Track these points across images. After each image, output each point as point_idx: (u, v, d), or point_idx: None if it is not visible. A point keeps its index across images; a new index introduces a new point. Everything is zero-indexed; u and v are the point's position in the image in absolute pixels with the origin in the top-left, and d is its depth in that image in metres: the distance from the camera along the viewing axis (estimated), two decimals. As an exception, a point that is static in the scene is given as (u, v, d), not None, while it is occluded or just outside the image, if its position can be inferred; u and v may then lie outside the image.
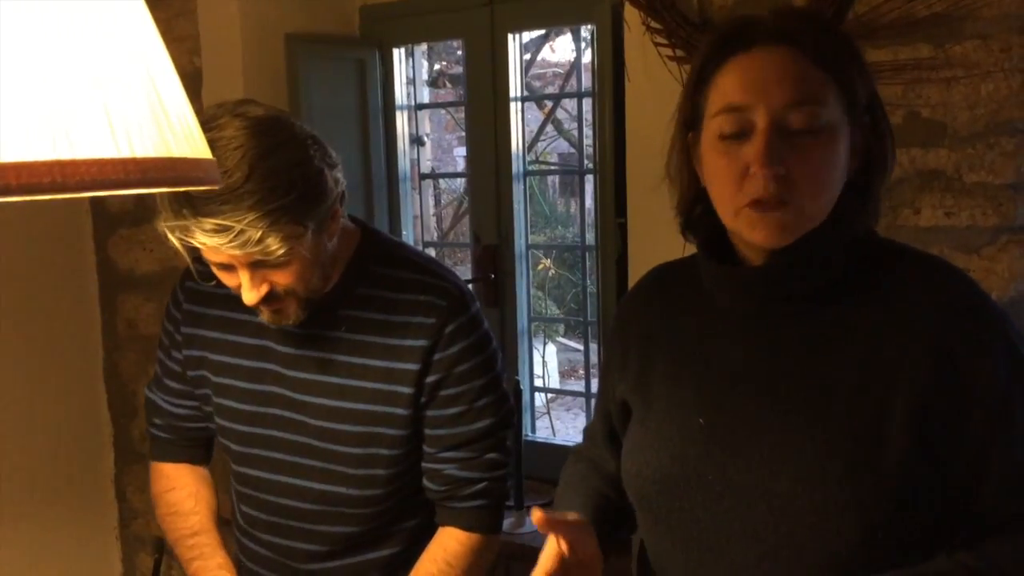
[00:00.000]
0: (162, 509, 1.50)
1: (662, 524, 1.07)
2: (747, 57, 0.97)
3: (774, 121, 0.94)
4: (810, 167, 0.94)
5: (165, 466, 1.52)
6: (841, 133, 0.96)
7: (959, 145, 1.69)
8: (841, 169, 0.97)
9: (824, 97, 0.95)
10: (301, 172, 1.17)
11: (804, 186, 0.95)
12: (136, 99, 0.64)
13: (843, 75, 0.96)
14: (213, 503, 1.50)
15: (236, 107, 1.17)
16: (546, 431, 4.93)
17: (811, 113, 0.94)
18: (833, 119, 0.95)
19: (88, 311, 2.82)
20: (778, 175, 0.94)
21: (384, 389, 1.31)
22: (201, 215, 1.12)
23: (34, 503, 2.64)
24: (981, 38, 1.64)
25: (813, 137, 0.94)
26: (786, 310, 1.02)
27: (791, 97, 0.94)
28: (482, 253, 2.48)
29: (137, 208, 2.71)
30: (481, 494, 1.35)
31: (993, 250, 1.68)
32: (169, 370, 1.48)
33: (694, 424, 1.04)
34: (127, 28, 0.65)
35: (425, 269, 1.36)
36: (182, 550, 1.47)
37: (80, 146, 0.60)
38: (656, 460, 1.06)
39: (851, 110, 0.97)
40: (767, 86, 0.95)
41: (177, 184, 0.68)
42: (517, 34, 2.42)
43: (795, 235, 0.96)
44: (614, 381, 1.18)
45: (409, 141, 2.69)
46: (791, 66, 0.95)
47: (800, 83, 0.95)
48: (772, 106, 0.94)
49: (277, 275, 1.22)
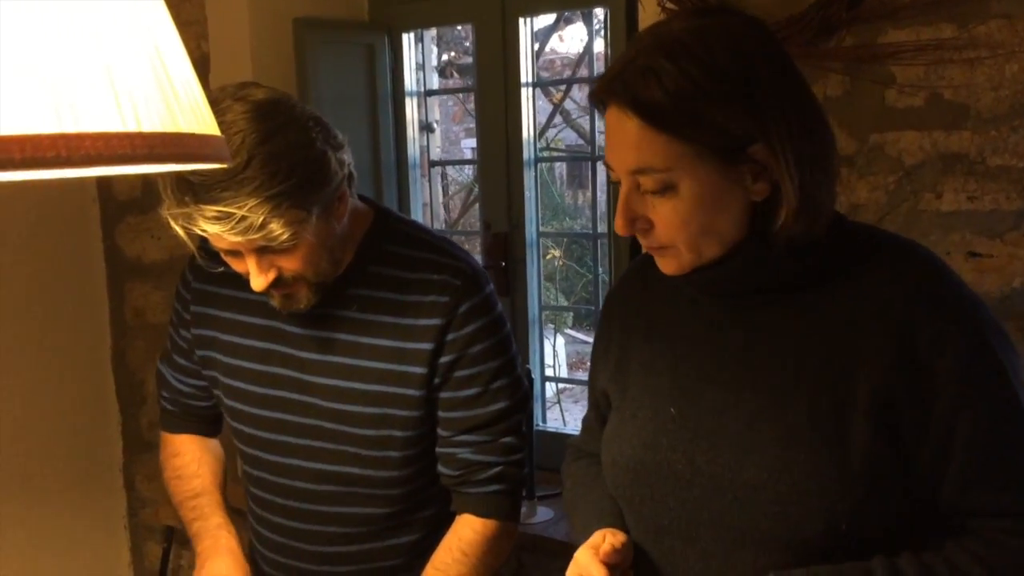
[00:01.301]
0: (168, 472, 1.53)
1: (635, 512, 1.07)
2: (608, 115, 0.96)
3: (629, 184, 0.96)
4: (665, 222, 0.96)
5: (172, 436, 1.54)
6: (698, 180, 0.93)
7: (982, 127, 1.65)
8: (710, 208, 0.94)
9: (660, 160, 0.93)
10: (302, 156, 1.15)
11: (670, 237, 0.97)
12: (143, 72, 0.62)
13: (684, 129, 0.91)
14: (217, 468, 1.52)
15: (238, 90, 1.16)
16: (556, 421, 4.91)
17: (652, 179, 0.94)
18: (676, 176, 0.93)
19: (96, 299, 2.81)
20: (639, 232, 0.98)
21: (396, 369, 1.29)
22: (202, 202, 1.10)
23: (42, 492, 2.64)
24: (1006, 17, 1.60)
25: (660, 196, 0.95)
26: (756, 300, 1.01)
27: (631, 164, 0.95)
28: (492, 241, 2.46)
29: (144, 195, 2.69)
30: (497, 479, 1.33)
31: (1017, 235, 1.64)
32: (178, 347, 1.48)
33: (666, 413, 1.04)
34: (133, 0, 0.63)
35: (439, 248, 1.34)
36: (184, 511, 1.49)
37: (85, 119, 0.58)
38: (629, 449, 1.06)
39: (715, 152, 0.92)
40: (615, 151, 0.97)
41: (185, 160, 0.65)
42: (528, 18, 2.39)
43: (696, 263, 0.98)
44: (599, 370, 1.18)
45: (419, 128, 2.66)
46: (627, 130, 0.94)
47: (634, 150, 0.94)
48: (623, 171, 0.96)
49: (284, 260, 1.20)
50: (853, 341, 0.95)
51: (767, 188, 0.94)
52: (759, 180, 0.94)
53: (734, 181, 0.94)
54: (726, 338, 1.03)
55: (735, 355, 1.01)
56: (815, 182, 0.94)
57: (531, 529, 2.13)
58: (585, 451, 1.27)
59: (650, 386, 1.07)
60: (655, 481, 1.03)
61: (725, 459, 0.98)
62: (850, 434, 0.94)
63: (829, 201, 0.98)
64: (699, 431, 1.01)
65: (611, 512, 1.12)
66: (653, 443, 1.04)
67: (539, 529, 2.14)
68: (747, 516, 0.97)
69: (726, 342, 1.02)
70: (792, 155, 0.92)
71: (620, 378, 1.12)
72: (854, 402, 0.94)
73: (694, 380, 1.03)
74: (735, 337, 1.02)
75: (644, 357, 1.10)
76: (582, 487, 1.21)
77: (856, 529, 0.94)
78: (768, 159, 0.92)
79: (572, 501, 1.22)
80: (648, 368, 1.09)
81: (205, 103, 0.69)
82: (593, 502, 1.16)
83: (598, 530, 1.06)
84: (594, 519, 1.11)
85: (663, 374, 1.06)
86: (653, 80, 0.91)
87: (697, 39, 0.92)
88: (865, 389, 0.94)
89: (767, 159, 0.92)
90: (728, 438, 0.99)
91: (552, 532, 2.13)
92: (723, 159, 0.92)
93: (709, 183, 0.93)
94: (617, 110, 0.94)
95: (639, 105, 0.92)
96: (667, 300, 1.10)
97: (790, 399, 0.97)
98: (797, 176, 0.93)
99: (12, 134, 0.55)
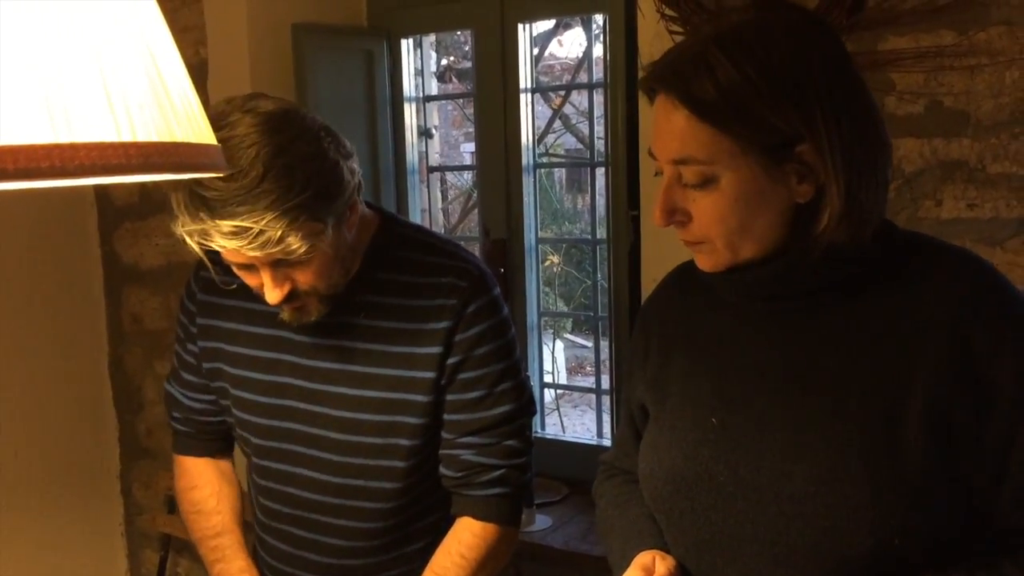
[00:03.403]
0: (185, 507, 1.50)
1: (675, 526, 1.03)
2: (656, 103, 0.95)
3: (671, 174, 0.94)
4: (704, 218, 0.94)
5: (187, 460, 1.51)
6: (741, 177, 0.91)
7: (982, 135, 1.65)
8: (751, 205, 0.92)
9: (705, 152, 0.91)
10: (317, 167, 1.14)
11: (705, 232, 0.95)
12: (138, 81, 0.61)
13: (732, 124, 0.89)
14: (236, 502, 1.49)
15: (246, 102, 1.14)
16: (555, 427, 4.91)
17: (693, 171, 0.92)
18: (719, 170, 0.91)
19: (93, 305, 2.80)
20: (677, 224, 0.96)
21: (404, 376, 1.29)
22: (219, 217, 1.09)
23: (39, 499, 2.63)
24: (1006, 24, 1.60)
25: (701, 189, 0.93)
26: (800, 305, 0.98)
27: (674, 153, 0.93)
28: (491, 247, 2.45)
29: (142, 201, 2.68)
30: (498, 482, 1.32)
31: (1017, 243, 1.64)
32: (185, 363, 1.46)
33: (707, 423, 1.00)
34: (128, 7, 0.62)
35: (445, 251, 1.33)
36: (205, 551, 1.46)
37: (80, 129, 0.58)
38: (669, 459, 1.03)
39: (761, 150, 0.90)
40: (660, 139, 0.95)
41: (181, 170, 0.65)
42: (527, 24, 2.39)
43: (732, 262, 0.96)
44: (635, 382, 1.14)
45: (417, 133, 2.66)
46: (674, 120, 0.92)
47: (678, 140, 0.92)
48: (665, 160, 0.95)
49: (299, 273, 1.19)
50: (906, 349, 0.92)
51: (812, 190, 0.91)
52: (804, 181, 0.91)
53: (778, 180, 0.91)
54: (770, 345, 0.99)
55: (777, 363, 0.98)
56: (862, 188, 0.91)
57: (530, 537, 2.12)
58: (618, 468, 1.22)
59: (690, 395, 1.04)
60: (696, 493, 0.99)
61: (770, 470, 0.94)
62: (903, 445, 0.90)
63: (877, 209, 0.94)
64: (742, 441, 0.97)
65: (650, 532, 1.08)
66: (694, 454, 1.00)
67: (538, 537, 2.13)
68: (793, 530, 0.92)
69: (769, 349, 0.99)
70: (840, 158, 0.89)
71: (659, 388, 1.08)
72: (907, 412, 0.90)
73: (737, 388, 0.99)
74: (780, 344, 0.98)
75: (684, 366, 1.06)
76: (617, 507, 1.16)
77: (908, 545, 0.89)
78: (814, 160, 0.90)
79: (607, 521, 1.17)
80: (688, 377, 1.05)
81: (201, 112, 0.68)
82: (630, 522, 1.11)
83: (646, 551, 1.03)
84: (633, 540, 1.07)
85: (704, 383, 1.03)
86: (706, 73, 0.89)
87: (755, 33, 0.90)
88: (919, 399, 0.90)
89: (813, 160, 0.90)
90: (773, 448, 0.94)
91: (551, 540, 2.12)
92: (768, 157, 0.90)
93: (751, 180, 0.91)
94: (666, 99, 0.93)
95: (689, 96, 0.90)
96: (707, 308, 1.06)
97: (839, 408, 0.92)
98: (844, 180, 0.90)
99: (6, 144, 0.54)
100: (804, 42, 0.91)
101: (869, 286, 0.96)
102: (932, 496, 0.90)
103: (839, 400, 0.93)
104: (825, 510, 0.90)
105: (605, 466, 1.25)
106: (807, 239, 0.93)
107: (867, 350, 0.94)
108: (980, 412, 0.90)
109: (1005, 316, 0.91)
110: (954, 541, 0.92)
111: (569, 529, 2.18)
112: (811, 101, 0.89)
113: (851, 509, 0.89)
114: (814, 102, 0.89)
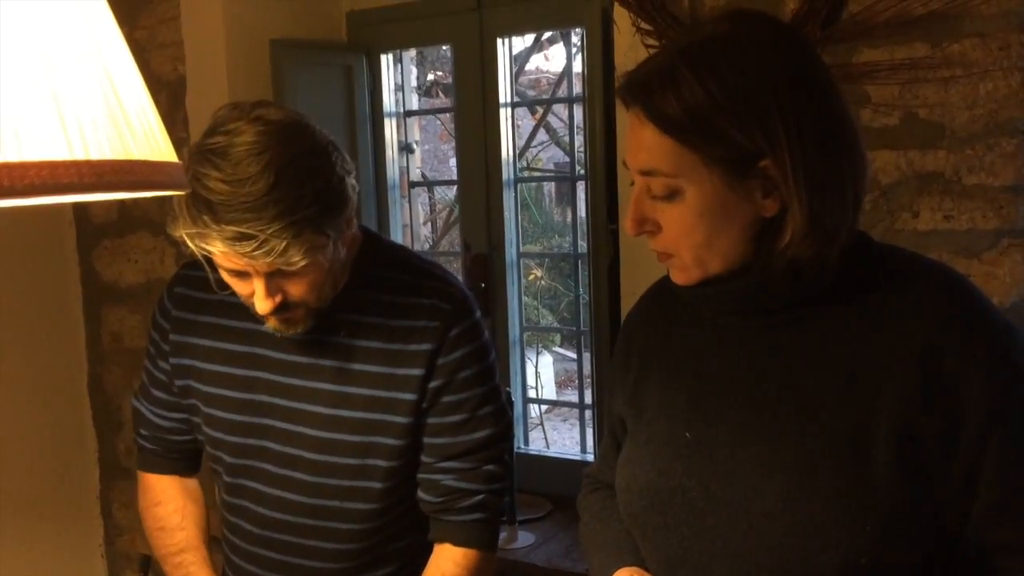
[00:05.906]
0: (148, 523, 1.47)
1: (649, 541, 1.03)
2: (629, 114, 0.96)
3: (641, 185, 0.95)
4: (672, 230, 0.95)
5: (151, 478, 1.48)
6: (705, 191, 0.91)
7: (958, 146, 1.65)
8: (715, 219, 0.92)
9: (670, 166, 0.91)
10: (325, 181, 1.13)
11: (675, 244, 0.96)
12: (92, 98, 0.60)
13: (695, 139, 0.90)
14: (201, 520, 1.47)
15: (252, 110, 1.13)
16: (539, 443, 4.88)
17: (660, 183, 0.93)
18: (684, 184, 0.92)
19: (72, 324, 2.78)
20: (648, 234, 0.97)
21: (384, 396, 1.27)
22: (223, 222, 1.08)
23: (18, 520, 2.59)
24: (979, 36, 1.61)
25: (667, 201, 0.94)
26: (774, 320, 0.97)
27: (642, 165, 0.94)
28: (472, 262, 2.44)
29: (121, 219, 2.67)
30: (478, 507, 1.31)
31: (994, 254, 1.64)
32: (155, 379, 1.44)
33: (681, 438, 1.00)
34: (82, 23, 0.61)
35: (428, 273, 1.32)
36: (169, 568, 1.43)
37: (29, 147, 0.57)
38: (643, 474, 1.02)
39: (725, 165, 0.90)
40: (630, 150, 0.96)
41: (136, 188, 0.64)
42: (506, 39, 2.39)
43: (702, 276, 0.96)
44: (616, 396, 1.14)
45: (398, 148, 2.65)
46: (642, 133, 0.93)
47: (645, 152, 0.93)
48: (634, 171, 0.96)
49: (292, 285, 1.18)
50: (876, 365, 0.91)
51: (777, 205, 0.91)
52: (769, 196, 0.91)
53: (742, 195, 0.91)
54: (744, 360, 0.98)
55: (750, 378, 0.97)
56: (826, 204, 0.91)
57: (512, 555, 2.10)
58: (602, 481, 1.22)
59: (666, 410, 1.04)
60: (668, 508, 0.99)
61: (741, 486, 0.93)
62: (872, 463, 0.89)
63: (844, 226, 0.93)
64: (715, 456, 0.96)
65: (630, 549, 1.07)
66: (667, 469, 1.00)
67: (520, 555, 2.11)
68: (762, 547, 0.91)
69: (744, 364, 0.98)
70: (803, 174, 0.89)
71: (636, 402, 1.08)
72: (876, 428, 0.89)
73: (711, 403, 0.99)
74: (754, 359, 0.98)
75: (661, 380, 1.06)
76: (600, 521, 1.16)
77: (876, 564, 0.88)
78: (777, 176, 0.90)
79: (590, 536, 1.17)
80: (664, 391, 1.05)
81: (161, 129, 0.67)
82: (611, 538, 1.11)
83: (624, 568, 1.03)
84: (613, 556, 1.07)
85: (679, 397, 1.03)
86: (671, 88, 0.90)
87: (721, 48, 0.90)
88: (887, 415, 0.89)
89: (776, 175, 0.90)
90: (745, 464, 0.94)
91: (533, 558, 2.11)
92: (732, 171, 0.90)
93: (715, 194, 0.91)
94: (636, 112, 0.94)
95: (654, 111, 0.91)
96: (684, 322, 1.06)
97: (809, 425, 0.92)
98: (806, 196, 0.90)
99: (-49, 163, 0.53)
100: (771, 57, 0.90)
101: (843, 301, 0.95)
102: (901, 515, 0.89)
103: (811, 416, 0.92)
104: (793, 527, 0.89)
105: (589, 479, 1.25)
106: (772, 254, 0.93)
107: (839, 366, 0.93)
108: (950, 429, 0.89)
109: (977, 332, 0.90)
110: (924, 561, 0.91)
111: (552, 546, 2.16)
112: (774, 117, 0.88)
113: (818, 527, 0.89)
114: (777, 118, 0.88)
